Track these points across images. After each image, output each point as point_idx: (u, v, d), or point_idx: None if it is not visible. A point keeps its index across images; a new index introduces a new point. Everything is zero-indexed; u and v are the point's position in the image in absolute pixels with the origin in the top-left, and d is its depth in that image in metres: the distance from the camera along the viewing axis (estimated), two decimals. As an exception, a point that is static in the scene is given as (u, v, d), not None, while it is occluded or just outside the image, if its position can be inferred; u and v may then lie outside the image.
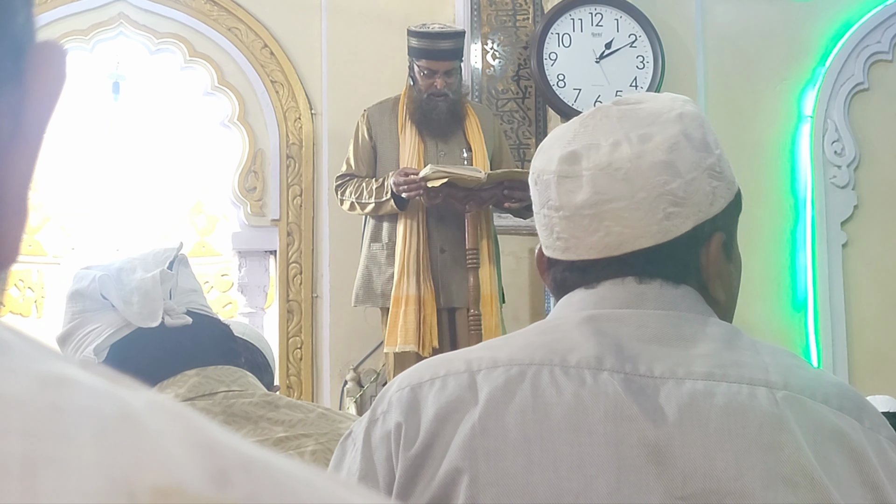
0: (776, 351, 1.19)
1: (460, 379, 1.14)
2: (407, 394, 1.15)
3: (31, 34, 0.46)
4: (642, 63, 5.44)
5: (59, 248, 7.36)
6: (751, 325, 5.55)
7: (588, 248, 1.20)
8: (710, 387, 1.10)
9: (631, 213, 1.18)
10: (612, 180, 1.18)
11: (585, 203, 1.19)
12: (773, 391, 1.11)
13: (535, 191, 1.25)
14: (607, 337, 1.15)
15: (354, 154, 4.88)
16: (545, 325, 1.21)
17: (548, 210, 1.23)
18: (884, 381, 5.40)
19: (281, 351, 5.34)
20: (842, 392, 1.16)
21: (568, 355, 1.13)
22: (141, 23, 5.60)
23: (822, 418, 1.11)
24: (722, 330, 1.18)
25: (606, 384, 1.10)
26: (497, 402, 1.10)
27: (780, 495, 1.05)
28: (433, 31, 4.79)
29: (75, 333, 1.68)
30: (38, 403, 0.36)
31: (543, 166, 1.24)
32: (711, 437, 1.07)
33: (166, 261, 1.70)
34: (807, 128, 5.82)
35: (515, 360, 1.14)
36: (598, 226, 1.19)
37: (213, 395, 1.65)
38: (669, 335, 1.16)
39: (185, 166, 7.22)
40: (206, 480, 0.36)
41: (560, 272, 1.24)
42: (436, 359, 1.21)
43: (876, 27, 5.93)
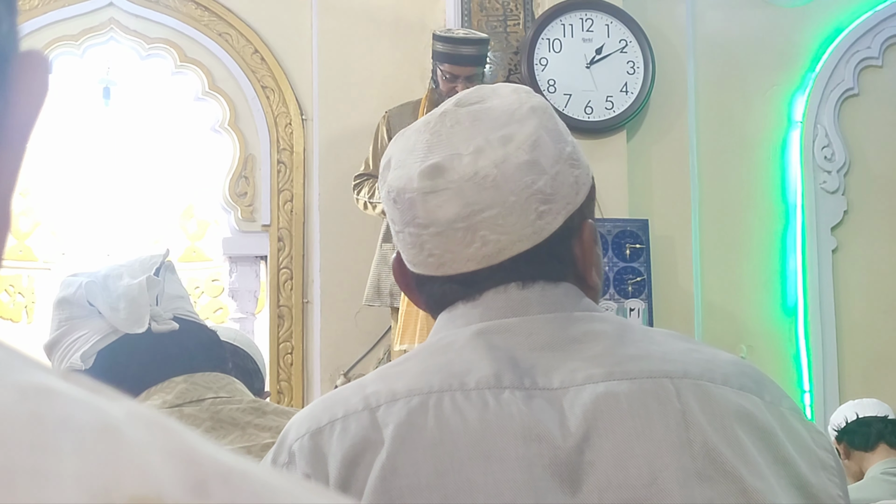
0: (669, 336, 1.18)
1: (361, 418, 1.09)
2: (307, 442, 1.10)
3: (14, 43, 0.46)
4: (633, 68, 5.45)
5: (50, 254, 7.35)
6: (741, 331, 5.56)
7: (465, 260, 1.17)
8: (611, 387, 1.08)
9: (504, 218, 1.15)
10: (481, 189, 1.15)
11: (457, 217, 1.16)
12: (675, 381, 1.10)
13: (396, 209, 1.20)
14: (500, 351, 1.12)
15: (373, 155, 4.96)
16: (435, 346, 1.16)
17: (414, 228, 1.18)
18: (874, 386, 5.41)
19: (271, 356, 5.34)
20: (740, 370, 1.15)
21: (466, 377, 1.10)
22: (131, 28, 5.59)
23: (726, 401, 1.10)
24: (611, 325, 1.17)
25: (510, 404, 1.07)
26: (403, 438, 1.06)
27: (697, 491, 1.04)
28: (457, 36, 4.84)
29: (62, 340, 1.68)
30: (17, 414, 0.36)
31: (402, 184, 1.18)
32: (620, 444, 1.05)
33: (153, 267, 1.70)
34: (797, 133, 5.83)
35: (414, 389, 1.10)
36: (472, 237, 1.16)
37: (201, 402, 1.65)
38: (560, 339, 1.14)
39: (176, 171, 7.21)
40: (184, 491, 0.36)
41: (438, 286, 1.20)
42: (330, 397, 1.15)
43: (866, 33, 5.94)
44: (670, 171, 5.56)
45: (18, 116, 0.45)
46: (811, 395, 5.58)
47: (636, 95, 5.41)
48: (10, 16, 0.46)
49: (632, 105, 5.41)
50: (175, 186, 7.32)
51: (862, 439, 4.09)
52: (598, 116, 5.37)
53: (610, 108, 5.40)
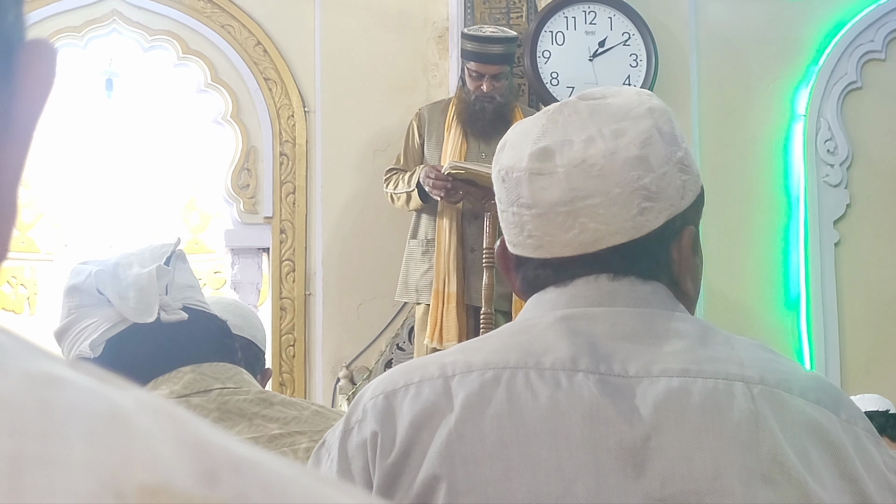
0: (750, 345, 1.19)
1: (435, 385, 1.12)
2: (381, 402, 1.14)
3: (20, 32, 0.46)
4: (636, 61, 5.44)
5: (52, 245, 7.35)
6: (743, 324, 5.56)
7: (562, 245, 1.19)
8: (685, 384, 1.10)
9: (606, 209, 1.17)
10: (587, 177, 1.17)
11: (560, 200, 1.18)
12: (750, 386, 1.10)
13: (503, 188, 1.22)
14: (580, 336, 1.14)
15: (404, 150, 5.05)
16: (518, 325, 1.19)
17: (517, 208, 1.20)
18: (875, 380, 5.41)
19: (274, 348, 5.34)
20: (818, 385, 1.16)
21: (542, 357, 1.12)
22: (134, 20, 5.58)
23: (800, 412, 1.10)
24: (695, 326, 1.18)
25: (582, 386, 1.09)
26: (473, 407, 1.09)
27: (760, 492, 1.04)
28: (484, 34, 4.87)
29: (71, 329, 1.68)
30: (26, 402, 0.36)
31: (512, 163, 1.21)
32: (688, 436, 1.06)
33: (163, 256, 1.70)
34: (800, 126, 5.82)
35: (490, 363, 1.12)
36: (572, 223, 1.18)
37: (208, 392, 1.65)
38: (643, 332, 1.15)
39: (178, 163, 7.21)
40: (194, 480, 0.36)
41: (532, 270, 1.22)
42: (409, 364, 1.19)
43: (869, 26, 5.93)
44: (673, 164, 5.55)
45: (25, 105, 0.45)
46: (813, 388, 5.57)
47: (639, 88, 5.41)
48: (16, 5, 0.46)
49: (634, 98, 5.40)
50: (177, 178, 7.32)
51: (864, 433, 4.09)
52: (600, 109, 5.36)
53: (613, 101, 5.39)
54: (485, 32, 4.90)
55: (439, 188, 4.63)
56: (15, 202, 0.45)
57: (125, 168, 7.40)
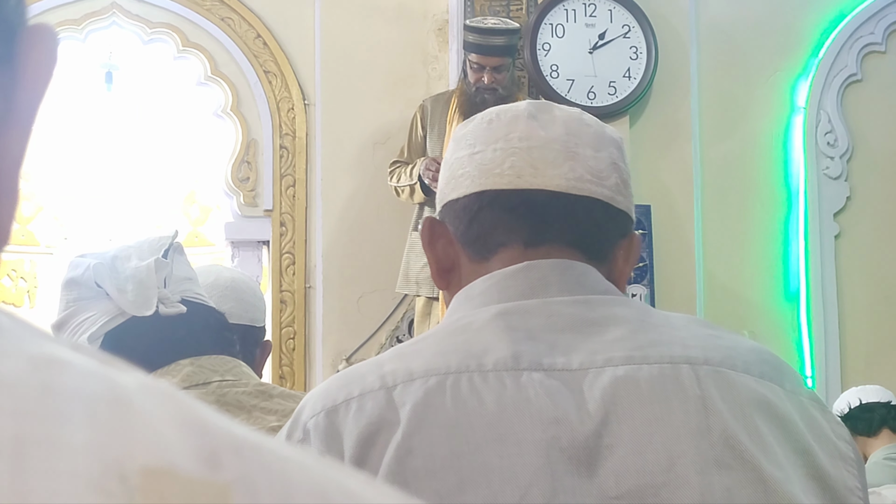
0: (690, 322, 1.17)
1: (377, 397, 1.07)
2: (322, 420, 1.08)
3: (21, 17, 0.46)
4: (635, 54, 5.44)
5: (52, 238, 7.35)
6: (743, 316, 5.56)
7: (548, 179, 1.18)
8: (631, 371, 1.08)
9: (593, 162, 1.19)
10: (583, 129, 1.21)
11: (558, 137, 1.19)
12: (695, 367, 1.09)
13: (488, 130, 1.22)
14: (519, 332, 1.11)
15: (408, 142, 5.06)
16: (453, 325, 1.15)
17: (504, 143, 1.20)
18: (875, 372, 5.41)
19: (274, 341, 5.33)
20: (761, 358, 1.15)
21: (483, 358, 1.09)
22: (134, 13, 5.58)
23: (747, 389, 1.09)
24: (632, 310, 1.16)
25: (527, 386, 1.06)
26: (420, 418, 1.05)
27: (715, 479, 1.03)
28: (486, 26, 4.87)
29: (70, 321, 1.68)
30: (28, 384, 0.36)
31: (507, 108, 1.24)
32: (639, 429, 1.05)
33: (161, 249, 1.70)
34: (800, 119, 5.82)
35: (431, 369, 1.08)
36: (563, 162, 1.19)
37: (207, 385, 1.65)
38: (581, 321, 1.13)
39: (178, 156, 7.20)
40: (196, 461, 0.36)
41: (493, 215, 1.20)
42: (346, 375, 1.13)
43: (869, 18, 5.93)
44: (673, 156, 5.56)
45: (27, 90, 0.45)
46: (813, 380, 5.58)
47: (639, 81, 5.41)
48: None
49: (634, 90, 5.40)
50: (177, 171, 7.32)
51: (865, 425, 4.10)
52: (600, 102, 5.36)
53: (613, 93, 5.39)
54: (487, 24, 4.90)
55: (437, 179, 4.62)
56: (16, 187, 0.45)
57: (125, 161, 7.40)
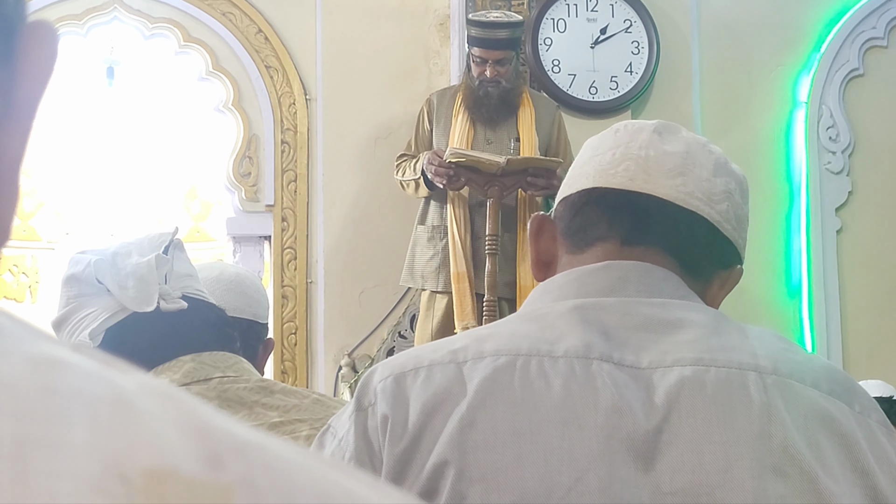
0: (764, 335, 1.18)
1: (447, 370, 1.10)
2: (391, 384, 1.11)
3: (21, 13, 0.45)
4: (637, 49, 5.43)
5: (54, 234, 7.35)
6: (745, 311, 5.56)
7: (658, 185, 1.22)
8: (698, 373, 1.09)
9: (707, 185, 1.22)
10: (703, 153, 1.24)
11: (678, 153, 1.23)
12: (763, 376, 1.10)
13: (612, 137, 1.26)
14: (593, 325, 1.13)
15: (415, 136, 5.03)
16: (529, 314, 1.18)
17: (624, 149, 1.24)
18: (878, 367, 5.41)
19: (276, 337, 5.34)
20: (832, 376, 1.15)
21: (555, 345, 1.11)
22: (135, 8, 5.58)
23: (812, 403, 1.10)
24: (708, 315, 1.17)
25: (595, 375, 1.08)
26: (486, 393, 1.07)
27: (770, 485, 1.04)
28: (488, 19, 4.87)
29: (70, 318, 1.68)
30: (29, 385, 0.36)
31: (636, 123, 1.27)
32: (699, 429, 1.06)
33: (162, 245, 1.70)
34: (802, 114, 5.82)
35: (502, 350, 1.11)
36: (676, 175, 1.22)
37: (208, 381, 1.65)
38: (655, 321, 1.14)
39: (180, 152, 7.20)
40: (199, 463, 0.36)
41: (594, 211, 1.23)
42: (417, 349, 1.17)
43: (871, 13, 5.92)
44: (675, 151, 5.55)
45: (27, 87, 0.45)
46: (815, 375, 5.58)
47: (641, 76, 5.40)
48: None
49: (636, 85, 5.40)
50: (179, 167, 7.31)
51: (866, 420, 4.10)
52: (602, 97, 5.36)
53: (614, 88, 5.39)
54: (489, 17, 4.89)
55: (441, 175, 4.62)
56: (17, 184, 0.45)
57: (126, 156, 7.39)
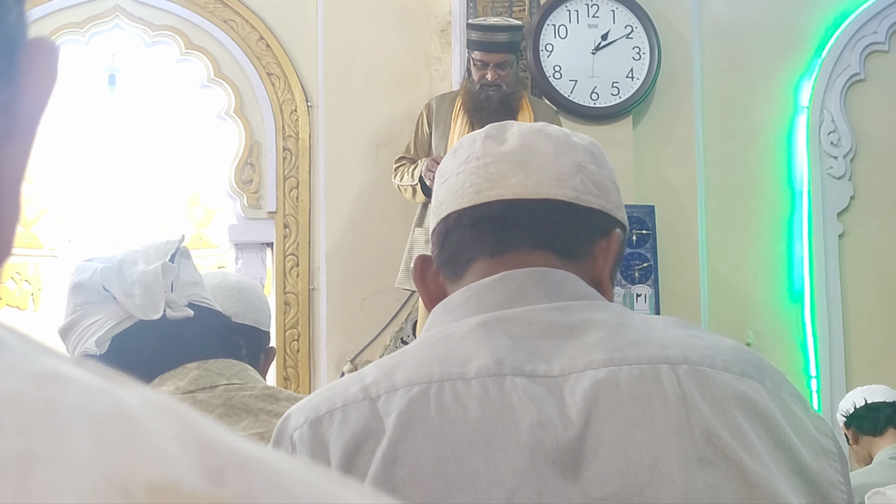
0: (668, 323, 1.18)
1: (361, 408, 1.08)
2: (307, 431, 1.10)
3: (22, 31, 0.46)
4: (638, 54, 5.44)
5: (56, 241, 7.36)
6: (747, 317, 5.56)
7: (504, 188, 1.21)
8: (611, 373, 1.09)
9: (553, 167, 1.22)
10: (540, 139, 1.23)
11: (513, 150, 1.22)
12: (675, 367, 1.10)
13: (453, 158, 1.27)
14: (500, 340, 1.12)
15: (414, 140, 5.07)
16: (434, 338, 1.16)
17: (465, 165, 1.24)
18: (881, 371, 5.41)
19: (278, 343, 5.34)
20: (741, 356, 1.15)
21: (465, 366, 1.09)
22: (137, 15, 5.59)
23: (726, 387, 1.10)
24: (611, 313, 1.17)
25: (510, 392, 1.07)
26: (404, 427, 1.06)
27: (698, 476, 1.04)
28: (488, 23, 4.90)
29: (77, 325, 1.68)
30: (32, 401, 0.36)
31: (472, 134, 1.27)
32: (621, 430, 1.05)
33: (168, 253, 1.70)
34: (803, 119, 5.82)
35: (414, 379, 1.09)
36: (518, 171, 1.21)
37: (214, 388, 1.65)
38: (560, 327, 1.14)
39: (182, 159, 7.21)
40: (201, 478, 0.36)
41: (461, 234, 1.23)
42: (327, 389, 1.15)
43: (872, 18, 5.93)
44: (676, 157, 5.55)
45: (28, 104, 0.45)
46: (818, 380, 5.58)
47: (642, 81, 5.41)
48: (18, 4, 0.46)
49: (637, 91, 5.40)
50: (181, 174, 7.32)
51: (870, 424, 4.11)
52: (603, 102, 5.36)
53: (616, 94, 5.39)
54: (490, 21, 4.93)
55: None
56: (18, 200, 0.45)
57: (129, 164, 7.40)
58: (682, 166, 5.56)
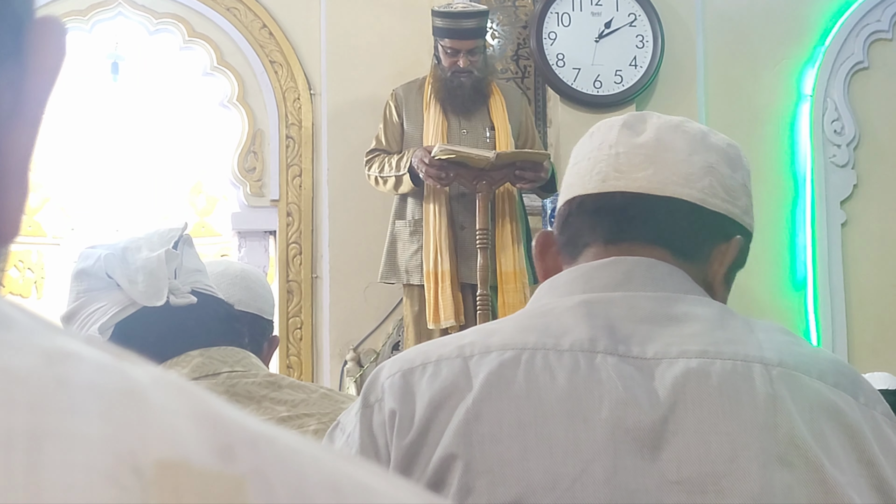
0: (770, 328, 1.19)
1: (453, 364, 1.12)
2: (398, 380, 1.13)
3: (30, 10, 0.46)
4: (642, 42, 5.43)
5: (59, 229, 7.35)
6: (751, 305, 5.55)
7: (630, 181, 1.21)
8: (704, 365, 1.10)
9: (683, 166, 1.21)
10: (676, 135, 1.23)
11: (646, 143, 1.22)
12: (769, 368, 1.11)
13: (588, 142, 1.27)
14: (599, 319, 1.14)
15: (384, 131, 5.00)
16: (536, 309, 1.19)
17: (596, 152, 1.24)
18: (883, 360, 5.41)
19: (281, 331, 5.34)
20: (837, 368, 1.16)
21: (561, 338, 1.12)
22: (140, 3, 5.58)
23: (818, 394, 1.10)
24: (713, 309, 1.18)
25: (600, 368, 1.09)
26: (491, 387, 1.09)
27: (777, 475, 1.04)
28: (456, 10, 4.86)
29: (80, 312, 1.68)
30: (42, 378, 0.36)
31: (608, 121, 1.27)
32: (706, 419, 1.06)
33: (171, 240, 1.70)
34: (806, 107, 5.81)
35: (508, 344, 1.12)
36: (647, 165, 1.21)
37: (217, 376, 1.65)
38: (661, 315, 1.15)
39: (185, 147, 7.20)
40: (211, 455, 0.37)
41: (580, 220, 1.24)
42: (425, 345, 1.19)
43: (876, 6, 5.91)
44: (679, 145, 5.54)
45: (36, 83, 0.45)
46: (820, 369, 5.57)
47: (645, 69, 5.40)
48: None
49: (641, 79, 5.40)
50: (184, 162, 7.32)
51: (872, 412, 4.11)
52: (606, 91, 5.36)
53: (619, 82, 5.39)
54: (456, 8, 4.90)
55: (433, 176, 4.59)
56: (26, 181, 0.45)
57: (132, 152, 7.40)
58: (686, 154, 5.54)
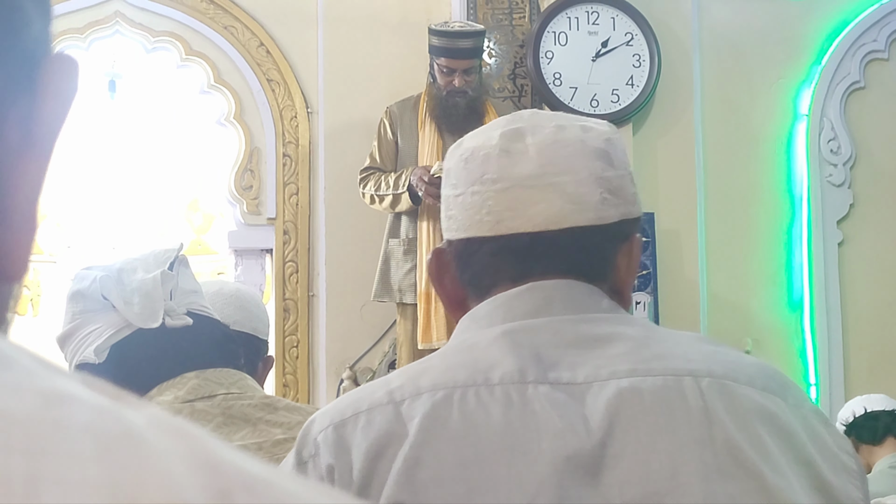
0: (693, 339, 1.19)
1: (385, 411, 1.10)
2: (331, 434, 1.11)
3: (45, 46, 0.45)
4: (638, 61, 5.44)
5: (56, 247, 7.35)
6: (746, 325, 5.56)
7: (525, 220, 1.19)
8: (635, 383, 1.09)
9: (574, 188, 1.19)
10: (559, 155, 1.19)
11: (531, 174, 1.19)
12: (698, 379, 1.11)
13: (464, 170, 1.22)
14: (525, 348, 1.13)
15: (378, 148, 5.00)
16: (460, 345, 1.18)
17: (479, 186, 1.21)
18: (880, 380, 5.41)
19: (277, 350, 5.34)
20: (764, 372, 1.16)
21: (489, 373, 1.11)
22: (137, 21, 5.59)
23: (750, 400, 1.11)
24: (637, 327, 1.18)
25: (533, 399, 1.08)
26: (427, 431, 1.07)
27: (718, 487, 1.04)
28: (453, 29, 4.86)
29: (76, 334, 1.68)
30: (40, 421, 0.36)
31: (480, 143, 1.22)
32: (643, 439, 1.06)
33: (167, 261, 1.70)
34: (803, 126, 5.82)
35: (439, 384, 1.11)
36: (540, 198, 1.18)
37: (213, 398, 1.65)
38: (586, 337, 1.15)
39: (182, 165, 7.21)
40: (208, 499, 0.36)
41: (483, 258, 1.21)
42: (354, 392, 1.16)
43: (872, 25, 5.93)
44: (676, 164, 5.55)
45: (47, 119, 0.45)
46: (817, 388, 5.57)
47: (642, 88, 5.41)
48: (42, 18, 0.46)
49: (637, 98, 5.40)
50: (180, 180, 7.32)
51: (870, 433, 4.11)
52: (603, 110, 5.36)
53: (616, 101, 5.39)
54: (452, 27, 4.90)
55: (433, 195, 4.58)
56: (35, 217, 0.45)
57: (128, 169, 7.40)
58: (682, 173, 5.56)
